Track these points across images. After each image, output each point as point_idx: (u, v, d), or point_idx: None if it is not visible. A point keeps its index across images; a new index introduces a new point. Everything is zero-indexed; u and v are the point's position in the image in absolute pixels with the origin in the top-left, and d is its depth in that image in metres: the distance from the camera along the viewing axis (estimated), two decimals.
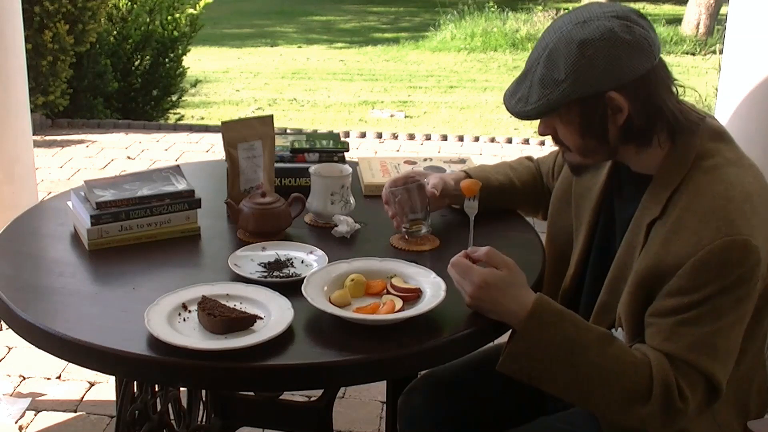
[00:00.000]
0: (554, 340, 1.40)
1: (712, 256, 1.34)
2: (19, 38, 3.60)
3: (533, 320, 1.40)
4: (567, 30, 1.41)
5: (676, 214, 1.41)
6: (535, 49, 1.47)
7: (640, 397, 1.37)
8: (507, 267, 1.44)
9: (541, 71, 1.42)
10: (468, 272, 1.44)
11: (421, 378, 1.84)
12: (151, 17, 6.83)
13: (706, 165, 1.43)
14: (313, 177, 1.90)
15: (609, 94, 1.40)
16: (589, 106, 1.42)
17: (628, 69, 1.39)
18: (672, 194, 1.43)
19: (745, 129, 2.97)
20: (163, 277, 1.68)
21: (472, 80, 9.56)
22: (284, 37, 12.65)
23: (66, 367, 2.95)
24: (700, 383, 1.37)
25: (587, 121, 1.44)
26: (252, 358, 1.35)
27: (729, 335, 1.38)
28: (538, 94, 1.43)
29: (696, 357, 1.36)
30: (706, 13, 12.01)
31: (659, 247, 1.41)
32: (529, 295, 1.43)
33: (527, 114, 1.45)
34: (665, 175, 1.46)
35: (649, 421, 1.38)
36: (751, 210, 1.38)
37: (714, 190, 1.39)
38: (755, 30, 2.91)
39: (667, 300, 1.39)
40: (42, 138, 5.78)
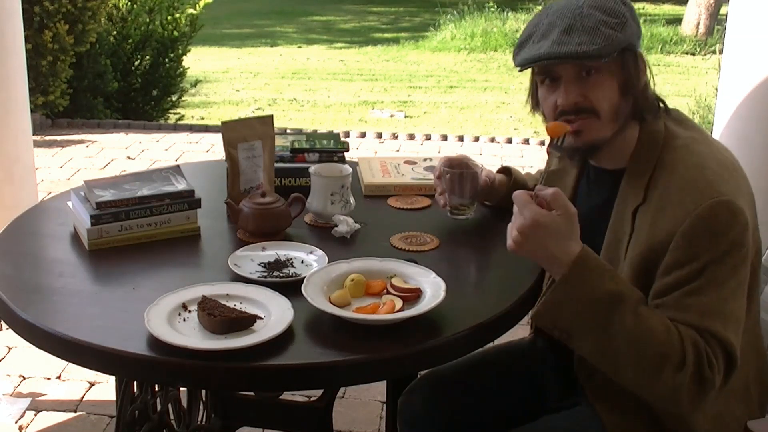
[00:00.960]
0: (594, 294, 1.37)
1: (700, 221, 1.36)
2: (19, 38, 3.60)
3: (574, 272, 1.37)
4: None
5: (658, 195, 1.44)
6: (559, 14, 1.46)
7: (673, 362, 1.34)
8: (567, 214, 1.39)
9: (592, 18, 1.43)
10: (524, 207, 1.39)
11: (421, 378, 1.84)
12: (151, 17, 6.84)
13: (675, 144, 1.47)
14: (313, 177, 1.90)
15: (638, 51, 1.47)
16: (630, 59, 1.47)
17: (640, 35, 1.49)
18: (649, 179, 1.46)
19: (745, 129, 2.97)
20: (163, 277, 1.68)
21: (472, 80, 9.56)
22: (284, 37, 12.65)
23: (66, 367, 2.95)
24: (719, 351, 1.36)
25: (629, 75, 1.47)
26: (252, 358, 1.35)
27: (734, 302, 1.38)
28: (602, 35, 1.42)
29: (710, 323, 1.35)
30: (706, 13, 12.01)
31: (648, 229, 1.43)
32: (577, 246, 1.39)
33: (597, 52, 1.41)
34: (639, 162, 1.49)
35: (681, 390, 1.34)
36: (729, 175, 1.41)
37: (687, 162, 1.43)
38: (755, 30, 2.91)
39: (666, 278, 1.39)
40: (42, 138, 5.78)
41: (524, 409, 1.74)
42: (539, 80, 1.54)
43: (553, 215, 1.38)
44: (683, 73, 9.99)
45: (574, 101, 1.48)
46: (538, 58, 1.45)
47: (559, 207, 1.39)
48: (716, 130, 3.13)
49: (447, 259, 1.75)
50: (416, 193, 2.09)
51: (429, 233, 1.84)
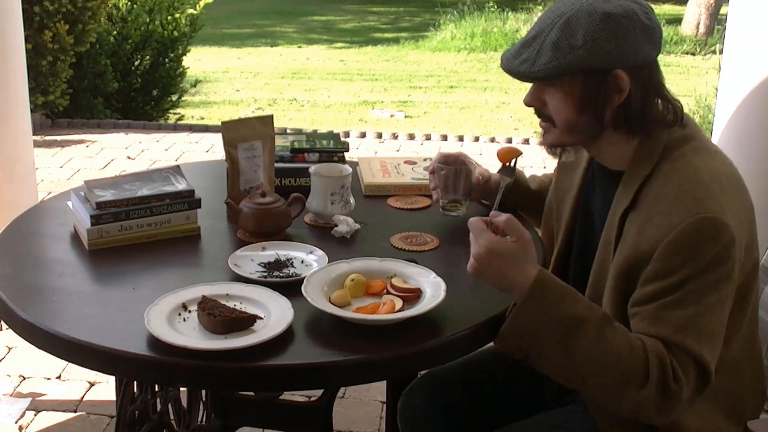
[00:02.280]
0: (554, 317, 1.38)
1: (683, 236, 1.36)
2: (19, 38, 3.60)
3: (533, 295, 1.38)
4: (589, 3, 1.43)
5: (648, 203, 1.43)
6: (545, 17, 1.47)
7: (637, 379, 1.35)
8: (521, 239, 1.40)
9: (556, 35, 1.42)
10: (479, 234, 1.41)
11: (421, 378, 1.84)
12: (151, 17, 6.84)
13: (673, 155, 1.46)
14: (313, 177, 1.90)
15: (616, 72, 1.42)
16: (594, 79, 1.43)
17: (639, 52, 1.42)
18: (641, 185, 1.46)
19: (745, 129, 2.97)
20: (163, 277, 1.68)
21: (472, 80, 9.56)
22: (284, 37, 12.65)
23: (66, 367, 2.95)
24: (690, 365, 1.36)
25: (588, 95, 1.44)
26: (252, 358, 1.35)
27: (711, 317, 1.37)
28: (549, 56, 1.42)
29: (682, 338, 1.36)
30: (706, 13, 12.01)
31: (634, 236, 1.43)
32: (534, 269, 1.40)
33: (533, 75, 1.44)
34: (635, 168, 1.48)
35: (646, 405, 1.36)
36: (720, 190, 1.40)
37: (682, 174, 1.42)
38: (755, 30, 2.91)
39: (646, 287, 1.40)
40: (42, 138, 5.78)
41: (523, 408, 1.74)
42: None
43: (506, 242, 1.40)
44: (683, 73, 9.99)
45: (531, 104, 1.52)
46: (501, 62, 1.51)
47: (513, 233, 1.41)
48: (716, 130, 3.13)
49: (447, 259, 1.75)
50: (416, 193, 2.09)
51: (429, 233, 1.84)
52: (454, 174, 1.88)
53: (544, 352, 1.40)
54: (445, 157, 1.91)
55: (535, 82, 1.49)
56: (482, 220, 1.43)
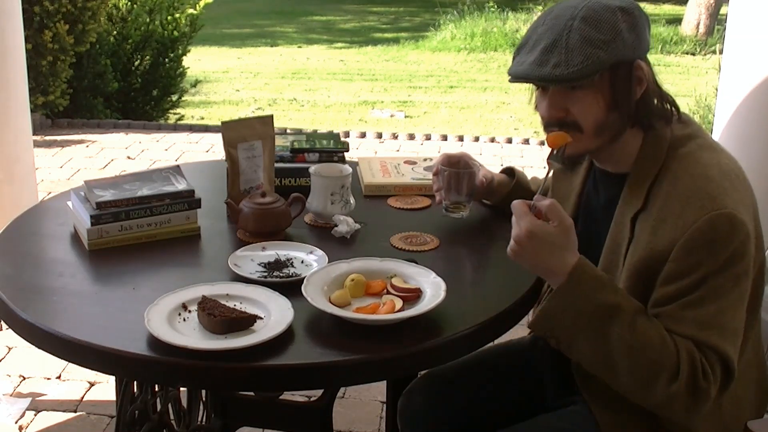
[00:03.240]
0: (590, 304, 1.38)
1: (700, 234, 1.36)
2: (19, 38, 3.60)
3: (571, 282, 1.38)
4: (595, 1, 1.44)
5: (660, 203, 1.43)
6: (554, 23, 1.44)
7: (667, 373, 1.35)
8: (563, 226, 1.39)
9: (579, 34, 1.41)
10: (521, 217, 1.40)
11: (421, 377, 1.84)
12: (151, 17, 6.83)
13: (680, 153, 1.46)
14: (313, 177, 1.90)
15: (638, 62, 1.44)
16: (621, 72, 1.44)
17: (647, 42, 1.46)
18: (651, 186, 1.46)
19: (745, 129, 2.97)
20: (163, 277, 1.68)
21: (472, 80, 9.56)
22: (284, 37, 12.65)
23: (66, 367, 2.95)
24: (717, 363, 1.36)
25: (616, 90, 1.44)
26: (252, 358, 1.35)
27: (734, 314, 1.38)
28: (584, 54, 1.40)
29: (707, 336, 1.36)
30: (706, 13, 12.01)
31: (648, 237, 1.42)
32: (573, 257, 1.40)
33: (571, 75, 1.40)
34: (641, 168, 1.48)
35: (675, 400, 1.36)
36: (731, 186, 1.40)
37: (692, 172, 1.42)
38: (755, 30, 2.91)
39: (666, 287, 1.39)
40: (42, 138, 5.78)
41: (523, 408, 1.74)
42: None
43: (548, 226, 1.39)
44: (683, 73, 9.99)
45: (556, 116, 1.48)
46: (521, 75, 1.46)
47: (555, 218, 1.40)
48: (716, 130, 3.13)
49: (447, 259, 1.75)
50: (416, 193, 2.09)
51: (429, 233, 1.84)
52: (458, 176, 1.87)
53: (578, 338, 1.40)
54: (448, 158, 1.90)
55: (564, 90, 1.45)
56: (525, 203, 1.42)
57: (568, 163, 1.54)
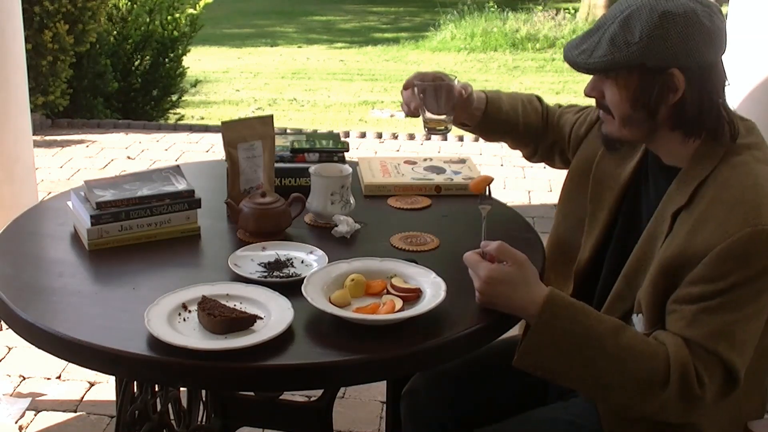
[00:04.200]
0: (568, 334, 1.40)
1: (737, 246, 1.36)
2: (19, 38, 3.60)
3: (545, 315, 1.40)
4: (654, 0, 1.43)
5: (704, 205, 1.43)
6: (611, 10, 1.49)
7: (656, 383, 1.37)
8: (517, 262, 1.44)
9: (614, 30, 1.44)
10: (475, 267, 1.45)
11: (423, 376, 1.84)
12: (151, 17, 6.83)
13: (734, 161, 1.45)
14: (313, 177, 1.90)
15: (672, 71, 1.42)
16: (650, 76, 1.44)
17: (698, 53, 1.42)
18: (699, 186, 1.45)
19: None
20: (163, 277, 1.68)
21: (472, 80, 9.50)
22: (284, 37, 12.65)
23: (66, 367, 2.95)
24: (717, 370, 1.38)
25: (643, 91, 1.45)
26: (252, 358, 1.35)
27: (747, 326, 1.39)
28: (606, 50, 1.44)
29: (715, 344, 1.37)
30: None
31: (685, 235, 1.42)
32: (540, 290, 1.43)
33: (588, 66, 1.46)
34: (694, 167, 1.48)
35: (668, 407, 1.38)
36: None
37: (742, 182, 1.41)
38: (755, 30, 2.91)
39: (691, 288, 1.40)
40: (42, 138, 5.78)
41: (527, 402, 1.74)
42: None
43: (505, 268, 1.44)
44: None
45: (590, 93, 1.54)
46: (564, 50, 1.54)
47: (507, 258, 1.44)
48: None
49: (447, 259, 1.75)
50: (416, 193, 2.09)
51: (429, 233, 1.84)
52: (434, 90, 1.83)
53: (564, 367, 1.42)
54: (422, 74, 1.88)
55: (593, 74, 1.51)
56: (476, 253, 1.48)
57: (605, 142, 1.58)
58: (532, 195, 4.90)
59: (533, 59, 10.70)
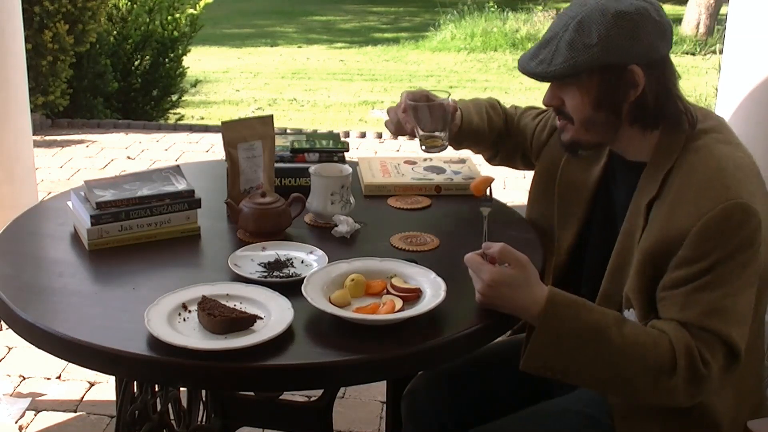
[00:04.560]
0: (573, 331, 1.41)
1: (713, 222, 1.39)
2: (19, 38, 3.60)
3: (549, 314, 1.41)
4: (601, 2, 1.47)
5: (674, 191, 1.46)
6: (558, 20, 1.51)
7: (665, 371, 1.38)
8: (519, 264, 1.44)
9: (570, 36, 1.47)
10: (478, 269, 1.45)
11: (424, 376, 1.84)
12: (151, 17, 6.83)
13: (696, 146, 1.49)
14: (313, 177, 1.90)
15: (631, 67, 1.46)
16: (610, 75, 1.47)
17: (652, 47, 1.48)
18: (667, 175, 1.49)
19: (745, 129, 2.96)
20: (163, 277, 1.68)
21: (472, 80, 9.56)
22: (284, 37, 12.65)
23: (66, 367, 2.95)
24: (718, 347, 1.39)
25: (605, 91, 1.48)
26: (252, 358, 1.35)
27: (739, 299, 1.40)
28: (565, 56, 1.46)
29: (710, 322, 1.38)
30: (706, 13, 12.01)
31: (661, 223, 1.45)
32: (541, 290, 1.43)
33: (549, 74, 1.49)
34: (658, 158, 1.52)
35: (677, 392, 1.39)
36: (745, 178, 1.44)
37: (707, 163, 1.45)
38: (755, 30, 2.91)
39: (676, 272, 1.42)
40: (42, 138, 5.78)
41: (529, 400, 1.74)
42: None
43: (507, 270, 1.44)
44: (683, 73, 9.81)
45: (551, 104, 1.56)
46: (518, 64, 1.57)
47: (509, 260, 1.44)
48: None
49: (447, 259, 1.75)
50: (416, 193, 2.09)
51: (429, 233, 1.84)
52: (429, 108, 1.86)
53: (571, 365, 1.43)
54: (413, 94, 1.91)
55: (553, 82, 1.53)
56: (477, 255, 1.48)
57: (568, 148, 1.60)
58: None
59: None
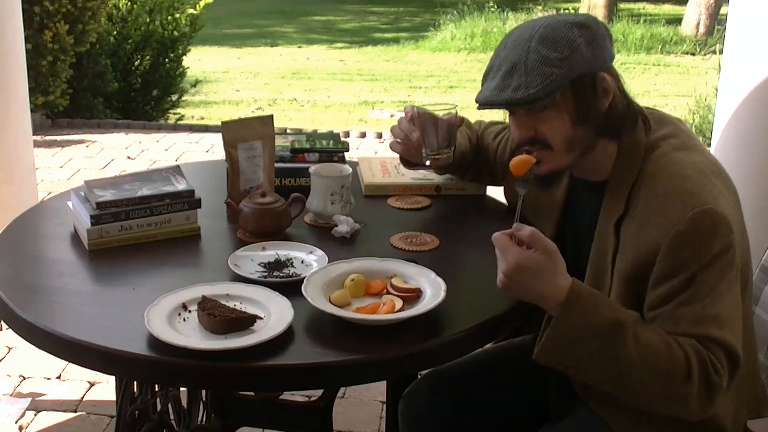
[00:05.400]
0: (591, 325, 1.38)
1: (684, 232, 1.38)
2: (19, 38, 3.60)
3: (569, 305, 1.38)
4: (549, 20, 1.47)
5: (641, 206, 1.45)
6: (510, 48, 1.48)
7: (681, 376, 1.36)
8: (547, 252, 1.40)
9: (537, 55, 1.44)
10: (505, 249, 1.40)
11: (423, 376, 1.84)
12: (151, 17, 6.84)
13: (655, 155, 1.48)
14: (313, 177, 1.90)
15: (600, 74, 1.46)
16: (583, 86, 1.46)
17: (609, 52, 1.49)
18: (630, 190, 1.48)
19: (745, 129, 2.97)
20: (163, 277, 1.68)
21: (472, 80, 9.55)
22: (284, 37, 12.65)
23: (66, 367, 2.95)
24: (721, 354, 1.38)
25: (581, 105, 1.46)
26: (252, 358, 1.35)
27: (726, 302, 1.39)
28: (543, 74, 1.42)
29: (705, 329, 1.37)
30: (706, 13, 12.01)
31: (633, 241, 1.44)
32: (564, 280, 1.40)
33: (531, 97, 1.43)
34: (619, 174, 1.51)
35: (691, 401, 1.37)
36: (709, 182, 1.43)
37: (668, 172, 1.44)
38: (755, 30, 2.91)
39: (657, 289, 1.41)
40: (42, 138, 5.78)
41: (528, 406, 1.74)
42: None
43: (535, 255, 1.39)
44: (683, 73, 9.99)
45: (526, 136, 1.51)
46: (485, 101, 1.50)
47: (538, 246, 1.40)
48: (716, 130, 3.13)
49: (447, 259, 1.75)
50: (416, 193, 2.09)
51: (429, 233, 1.84)
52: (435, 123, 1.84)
53: (585, 361, 1.41)
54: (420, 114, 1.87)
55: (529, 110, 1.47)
56: (506, 235, 1.42)
57: (544, 181, 1.57)
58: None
59: None
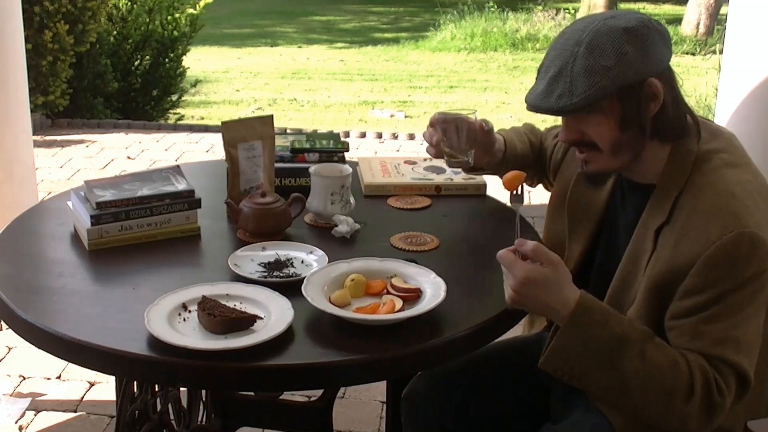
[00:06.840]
0: (598, 337, 1.40)
1: (721, 252, 1.37)
2: (19, 38, 3.60)
3: (577, 317, 1.40)
4: (601, 23, 1.43)
5: (683, 217, 1.43)
6: (560, 51, 1.45)
7: (682, 394, 1.37)
8: (552, 264, 1.41)
9: (584, 62, 1.41)
10: (511, 266, 1.42)
11: (423, 377, 1.83)
12: (151, 17, 6.84)
13: (705, 168, 1.46)
14: (313, 177, 1.90)
15: (649, 80, 1.43)
16: (631, 93, 1.43)
17: (662, 56, 1.45)
18: (676, 199, 1.46)
19: (745, 129, 2.96)
20: (163, 277, 1.68)
21: (472, 80, 9.56)
22: (284, 37, 12.65)
23: (66, 367, 2.95)
24: (731, 376, 1.38)
25: (628, 111, 1.44)
26: (252, 358, 1.35)
27: (748, 328, 1.40)
28: (586, 83, 1.41)
29: (722, 351, 1.38)
30: (706, 13, 12.01)
31: (670, 250, 1.43)
32: (573, 291, 1.42)
33: (573, 106, 1.42)
34: (667, 181, 1.48)
35: (691, 419, 1.38)
36: (754, 205, 1.41)
37: (716, 189, 1.42)
38: (755, 30, 2.91)
39: (684, 301, 1.41)
40: (42, 138, 5.78)
41: (528, 405, 1.74)
42: None
43: (541, 268, 1.41)
44: (683, 73, 9.97)
45: (573, 138, 1.51)
46: (532, 106, 1.48)
47: (542, 259, 1.41)
48: None
49: (447, 259, 1.75)
50: (416, 193, 2.09)
51: (429, 233, 1.84)
52: (456, 125, 1.86)
53: (589, 372, 1.42)
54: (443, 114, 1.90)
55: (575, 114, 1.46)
56: (511, 251, 1.44)
57: (592, 180, 1.58)
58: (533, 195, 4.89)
59: (533, 59, 10.69)
